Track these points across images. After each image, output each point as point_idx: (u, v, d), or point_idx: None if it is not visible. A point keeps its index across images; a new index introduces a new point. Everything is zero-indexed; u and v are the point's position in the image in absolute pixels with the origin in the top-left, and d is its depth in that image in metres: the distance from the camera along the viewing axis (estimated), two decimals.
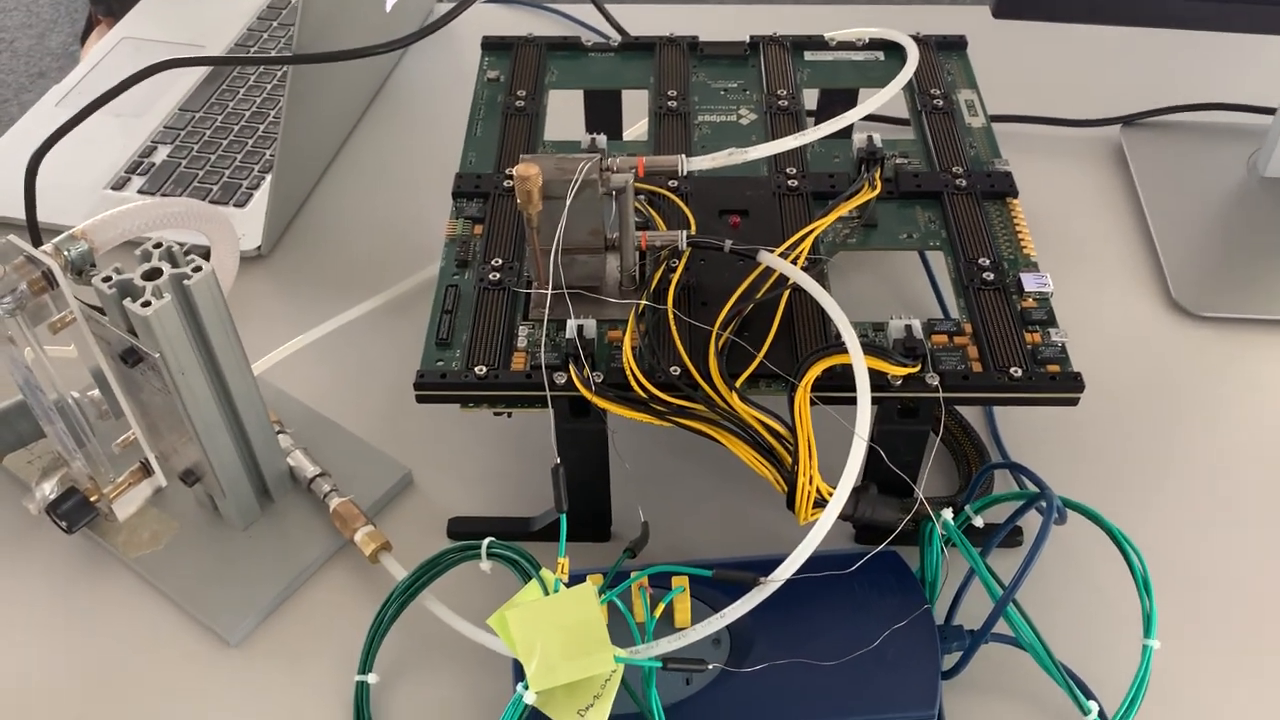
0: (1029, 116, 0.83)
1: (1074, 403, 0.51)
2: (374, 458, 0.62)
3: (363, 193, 0.81)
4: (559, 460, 0.51)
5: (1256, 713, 0.52)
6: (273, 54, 0.91)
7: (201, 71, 0.89)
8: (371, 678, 0.53)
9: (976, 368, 0.52)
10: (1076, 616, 0.55)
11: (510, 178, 0.61)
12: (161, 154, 0.82)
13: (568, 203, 0.51)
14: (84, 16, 1.76)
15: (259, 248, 0.75)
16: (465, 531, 0.59)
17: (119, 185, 0.80)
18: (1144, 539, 0.58)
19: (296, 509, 0.60)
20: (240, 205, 0.78)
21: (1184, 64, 0.89)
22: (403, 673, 0.54)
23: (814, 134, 0.55)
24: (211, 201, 0.78)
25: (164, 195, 0.79)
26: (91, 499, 0.57)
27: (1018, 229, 0.58)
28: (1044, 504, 0.50)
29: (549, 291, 0.53)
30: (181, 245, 0.51)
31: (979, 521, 0.54)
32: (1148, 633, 0.51)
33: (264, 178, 0.80)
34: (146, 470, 0.58)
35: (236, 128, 0.84)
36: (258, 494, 0.59)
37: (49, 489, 0.58)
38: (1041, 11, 0.67)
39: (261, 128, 0.84)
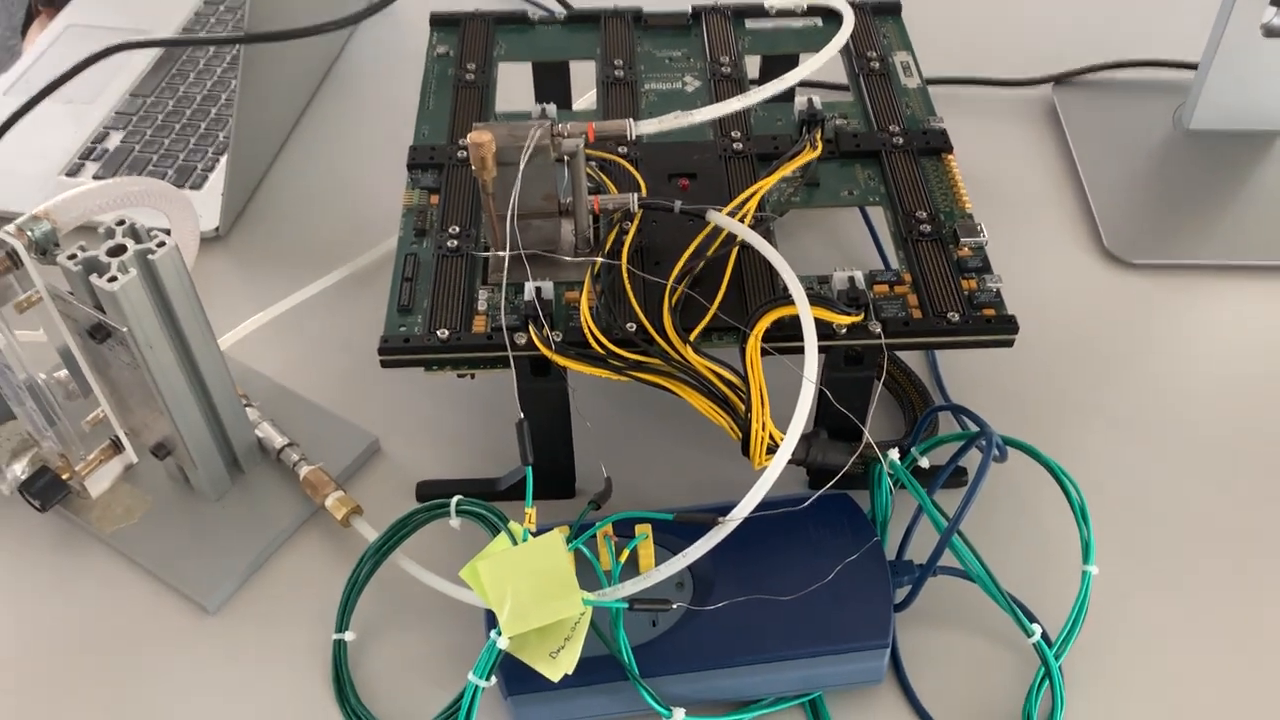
0: (964, 78, 0.86)
1: (1009, 344, 0.54)
2: (341, 427, 0.64)
3: (317, 171, 0.82)
4: (523, 416, 0.53)
5: (1188, 629, 0.55)
6: (223, 36, 0.91)
7: (151, 56, 0.89)
8: (348, 635, 0.55)
9: (916, 314, 0.54)
10: (1020, 547, 0.58)
11: (464, 148, 0.63)
12: (114, 139, 0.82)
13: (521, 168, 0.52)
14: (22, 8, 1.73)
15: (217, 228, 0.75)
16: (433, 494, 0.60)
17: (73, 172, 0.80)
18: (1081, 472, 0.61)
19: (267, 479, 0.61)
20: (196, 188, 0.79)
21: (1111, 23, 0.91)
22: (378, 630, 0.56)
23: (756, 95, 0.56)
24: None
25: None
26: (64, 477, 0.58)
27: (953, 183, 0.61)
28: (984, 442, 0.53)
29: (506, 254, 0.55)
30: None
31: (925, 463, 0.56)
32: (1086, 559, 0.53)
33: (218, 160, 0.81)
34: (117, 447, 0.59)
35: (189, 111, 0.84)
36: (228, 465, 0.60)
37: (20, 469, 0.58)
38: None
39: (214, 111, 0.85)
